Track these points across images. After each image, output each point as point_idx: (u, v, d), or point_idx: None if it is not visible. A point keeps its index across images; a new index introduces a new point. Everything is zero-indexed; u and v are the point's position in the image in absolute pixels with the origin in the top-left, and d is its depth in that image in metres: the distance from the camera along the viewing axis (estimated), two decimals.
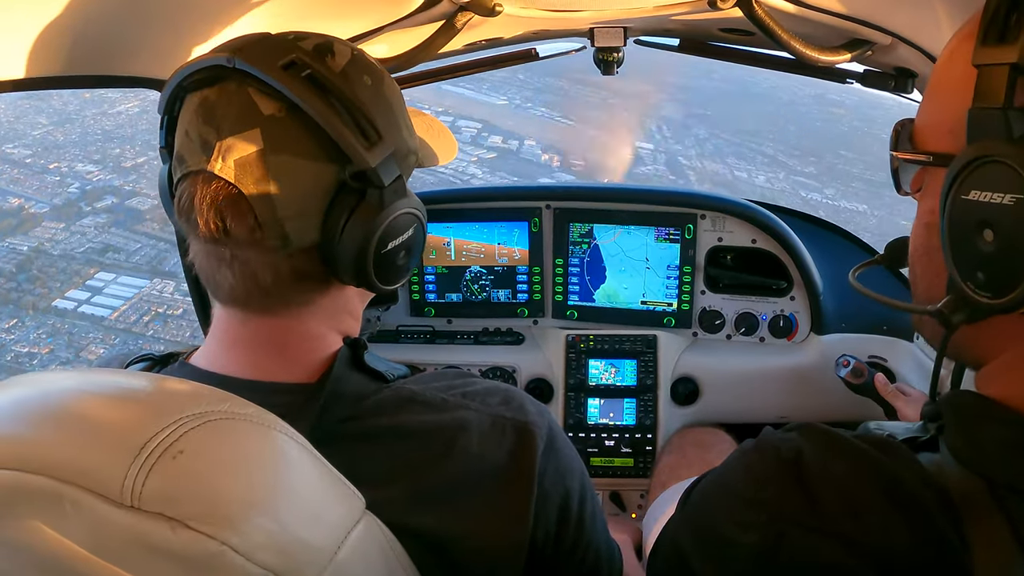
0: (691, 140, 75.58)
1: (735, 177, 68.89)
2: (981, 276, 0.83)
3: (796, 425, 1.05)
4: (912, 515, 0.89)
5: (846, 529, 0.91)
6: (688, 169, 68.54)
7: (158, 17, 1.49)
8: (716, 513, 1.07)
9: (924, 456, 0.95)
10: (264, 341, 1.22)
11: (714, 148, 73.95)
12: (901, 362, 2.64)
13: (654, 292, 2.94)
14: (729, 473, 1.10)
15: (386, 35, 1.91)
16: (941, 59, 0.97)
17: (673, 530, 1.18)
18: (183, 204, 1.13)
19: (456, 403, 1.24)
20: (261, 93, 1.10)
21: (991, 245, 0.80)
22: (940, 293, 0.94)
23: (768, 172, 71.25)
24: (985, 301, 0.83)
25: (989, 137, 0.80)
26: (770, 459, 1.03)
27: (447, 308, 3.06)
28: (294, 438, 0.95)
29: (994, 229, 0.80)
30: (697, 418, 2.91)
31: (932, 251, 0.96)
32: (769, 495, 0.99)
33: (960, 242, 0.84)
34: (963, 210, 0.83)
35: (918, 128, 0.99)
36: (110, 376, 0.96)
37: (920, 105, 1.02)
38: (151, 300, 33.02)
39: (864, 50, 1.82)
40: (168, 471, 0.81)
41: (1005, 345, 0.92)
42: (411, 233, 1.25)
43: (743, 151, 74.36)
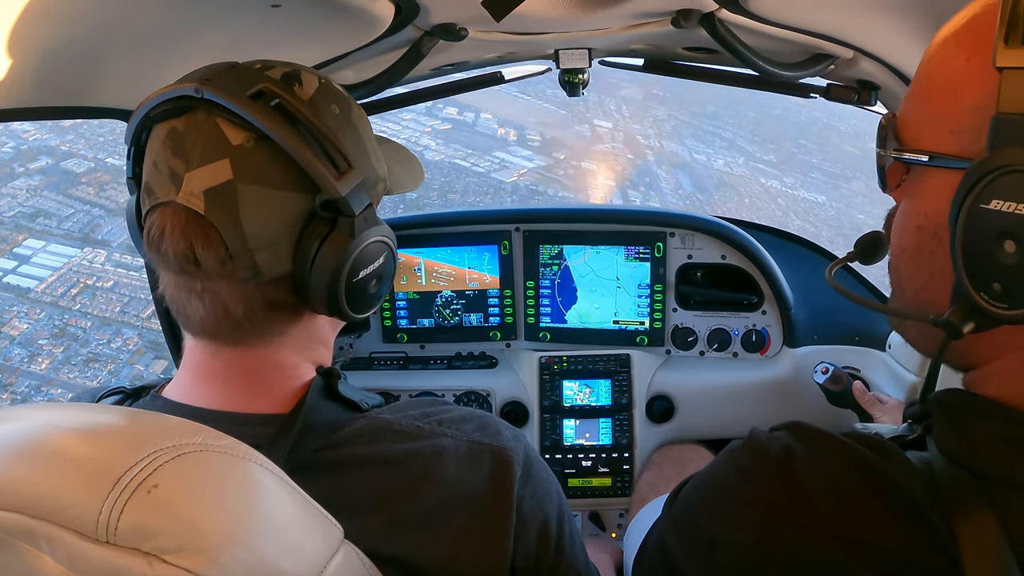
0: (649, 120, 75.63)
1: (693, 159, 68.95)
2: (998, 287, 0.80)
3: (785, 424, 1.05)
4: (904, 512, 0.89)
5: (839, 527, 0.91)
6: (647, 148, 68.52)
7: (122, 47, 1.47)
8: (704, 512, 1.06)
9: (911, 454, 0.95)
10: (236, 372, 1.20)
11: (672, 129, 74.03)
12: (874, 371, 2.66)
13: (626, 311, 2.95)
14: (718, 472, 1.09)
15: (352, 61, 1.91)
16: (933, 55, 0.94)
17: (660, 530, 1.17)
18: (153, 236, 1.11)
19: (432, 431, 1.23)
20: (230, 123, 1.08)
21: (1013, 257, 0.78)
22: (935, 297, 0.93)
23: (727, 156, 71.55)
24: (1001, 312, 0.81)
25: (1015, 145, 0.77)
26: (760, 457, 1.02)
27: (419, 334, 3.05)
28: (269, 468, 0.94)
29: (1017, 241, 0.77)
30: (673, 435, 2.92)
31: (926, 254, 0.94)
32: (760, 493, 0.99)
33: (976, 252, 0.82)
34: (982, 219, 0.80)
35: (908, 124, 0.96)
36: (82, 411, 0.95)
37: (907, 98, 0.99)
38: (81, 271, 31.60)
39: (827, 64, 1.84)
40: (143, 505, 0.79)
41: (1003, 351, 0.91)
42: (382, 261, 1.25)
43: (701, 134, 74.54)
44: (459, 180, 50.79)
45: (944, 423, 0.96)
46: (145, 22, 1.40)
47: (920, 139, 0.93)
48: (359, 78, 2.05)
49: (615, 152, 65.68)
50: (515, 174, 54.79)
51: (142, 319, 29.37)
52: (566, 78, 2.39)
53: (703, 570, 1.04)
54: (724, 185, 65.63)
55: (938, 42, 0.93)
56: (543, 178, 56.16)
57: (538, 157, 58.82)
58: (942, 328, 0.88)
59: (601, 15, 1.66)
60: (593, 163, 62.27)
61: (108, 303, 29.98)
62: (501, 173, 53.92)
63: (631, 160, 65.32)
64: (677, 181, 63.95)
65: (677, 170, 66.26)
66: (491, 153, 55.72)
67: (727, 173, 67.70)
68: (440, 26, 1.72)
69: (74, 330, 29.45)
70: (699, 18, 1.61)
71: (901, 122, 0.98)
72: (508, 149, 57.49)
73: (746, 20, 1.60)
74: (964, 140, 0.86)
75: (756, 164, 70.92)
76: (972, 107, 0.85)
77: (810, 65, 1.86)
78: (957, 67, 0.88)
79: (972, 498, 0.87)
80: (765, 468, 1.00)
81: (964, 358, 0.97)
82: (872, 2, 1.46)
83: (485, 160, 54.29)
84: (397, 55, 1.88)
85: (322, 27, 1.59)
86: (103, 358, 28.60)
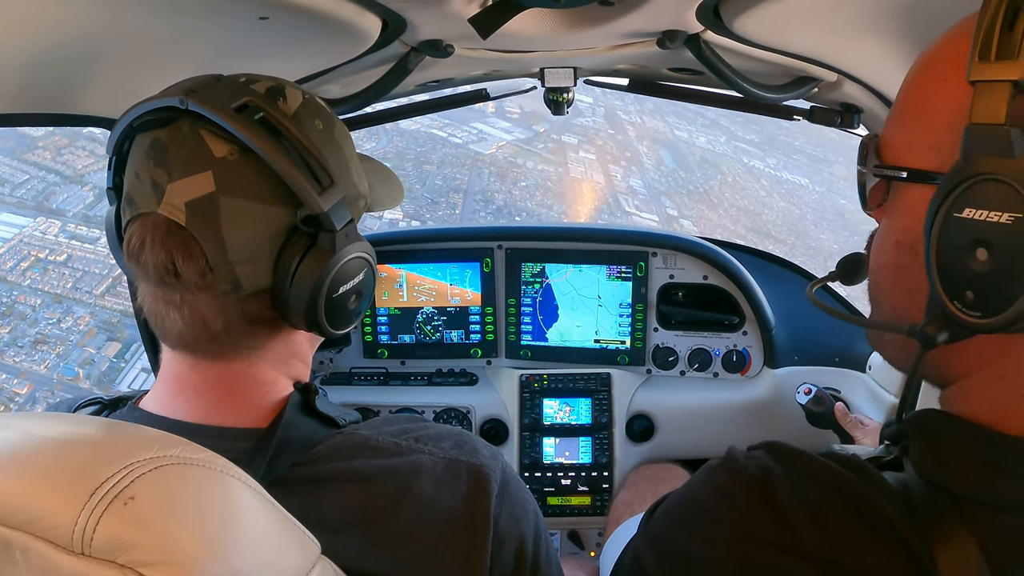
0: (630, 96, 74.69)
1: (675, 136, 68.39)
2: (971, 295, 0.81)
3: (763, 444, 1.05)
4: (883, 533, 0.89)
5: (818, 548, 0.91)
6: (628, 124, 67.93)
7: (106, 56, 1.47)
8: (681, 530, 1.05)
9: (888, 475, 0.96)
10: (214, 386, 1.19)
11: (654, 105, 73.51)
12: (854, 393, 2.67)
13: (607, 330, 2.95)
14: (695, 491, 1.09)
15: (338, 76, 1.91)
16: (914, 77, 0.96)
17: (635, 548, 1.16)
18: (132, 246, 1.11)
19: (409, 448, 1.22)
20: (214, 135, 1.08)
21: (985, 264, 0.79)
22: (912, 312, 0.94)
23: (709, 134, 71.08)
24: (974, 321, 0.82)
25: (986, 155, 0.79)
26: (738, 477, 1.02)
27: (400, 349, 3.04)
28: (247, 483, 0.93)
29: (989, 248, 0.79)
30: (653, 455, 2.91)
31: (903, 269, 0.95)
32: (738, 512, 0.98)
33: (949, 260, 0.83)
34: (955, 228, 0.81)
35: (889, 143, 0.98)
36: (59, 420, 0.94)
37: (889, 119, 1.00)
38: (32, 243, 29.75)
39: (810, 87, 1.86)
40: (119, 517, 0.79)
41: (978, 365, 0.92)
42: (362, 277, 1.25)
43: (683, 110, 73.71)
44: (435, 151, 49.67)
45: (920, 444, 0.97)
46: (130, 31, 1.40)
47: (900, 157, 0.95)
48: (344, 93, 2.05)
49: (596, 127, 65.10)
50: (494, 146, 53.90)
51: (95, 295, 28.18)
52: (551, 96, 2.40)
53: None
54: (706, 163, 65.18)
55: (918, 65, 0.95)
56: (522, 151, 55.47)
57: (517, 129, 58.00)
58: (917, 338, 0.88)
59: (587, 35, 1.66)
60: (573, 137, 61.63)
61: (60, 278, 28.31)
62: (479, 145, 53.04)
63: (612, 135, 64.72)
64: (659, 157, 63.42)
65: (659, 146, 65.85)
66: (469, 124, 54.77)
67: (709, 151, 67.27)
68: (426, 42, 1.72)
69: (23, 308, 27.67)
70: (684, 39, 1.62)
71: (883, 142, 0.99)
72: (486, 120, 56.57)
73: (731, 42, 1.61)
74: (941, 155, 0.87)
75: (738, 143, 70.48)
76: (949, 124, 0.86)
77: (794, 87, 1.87)
78: (935, 87, 0.90)
79: (949, 519, 0.87)
80: (743, 487, 1.00)
81: (941, 373, 0.98)
82: (856, 27, 1.47)
83: (462, 131, 53.27)
84: (383, 70, 1.88)
85: (309, 41, 1.59)
86: (52, 339, 26.83)
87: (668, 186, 58.65)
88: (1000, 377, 0.90)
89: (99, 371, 25.21)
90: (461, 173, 47.48)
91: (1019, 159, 0.76)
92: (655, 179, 59.05)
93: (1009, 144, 0.77)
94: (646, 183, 57.65)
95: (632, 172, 59.16)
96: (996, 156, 0.78)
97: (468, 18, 1.36)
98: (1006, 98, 0.77)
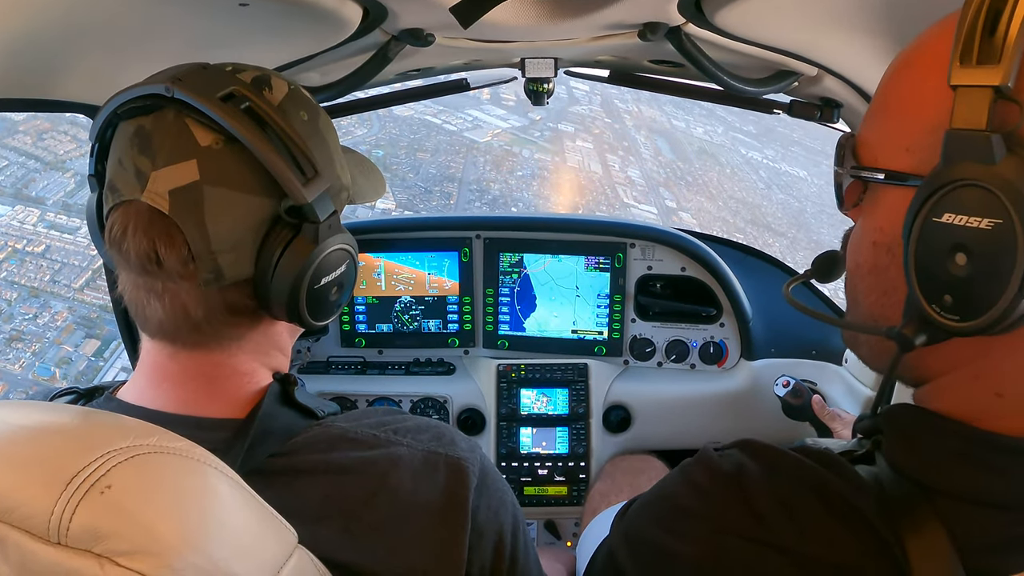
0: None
1: (673, 126, 67.63)
2: (949, 299, 0.82)
3: (736, 442, 1.06)
4: (854, 526, 0.90)
5: (789, 541, 0.92)
6: (624, 113, 67.23)
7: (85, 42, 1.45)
8: (656, 526, 1.06)
9: (861, 469, 0.97)
10: (193, 376, 1.19)
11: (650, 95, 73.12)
12: (831, 385, 2.70)
13: (585, 321, 2.96)
14: (670, 487, 1.10)
15: (318, 63, 1.90)
16: (891, 77, 0.96)
17: (610, 544, 1.17)
18: (114, 234, 1.10)
19: (388, 440, 1.22)
20: (199, 124, 1.08)
21: (963, 269, 0.80)
22: (888, 312, 0.95)
23: (706, 124, 70.43)
24: (952, 324, 0.82)
25: (967, 160, 0.79)
26: (712, 473, 1.03)
27: (378, 339, 3.04)
28: (224, 472, 0.93)
29: (968, 253, 0.79)
30: (630, 445, 2.93)
31: (880, 269, 0.95)
32: (711, 507, 1.00)
33: (928, 264, 0.83)
34: (934, 233, 0.82)
35: (865, 143, 0.98)
36: (35, 409, 0.93)
37: (866, 120, 1.01)
38: (9, 233, 28.19)
39: (791, 81, 1.87)
40: (96, 506, 0.78)
41: (954, 365, 0.93)
42: (343, 269, 1.25)
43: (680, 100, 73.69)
44: (429, 138, 48.59)
45: (895, 437, 0.98)
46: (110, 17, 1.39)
47: (877, 157, 0.95)
48: (324, 80, 2.04)
49: (592, 115, 64.37)
50: (489, 134, 52.82)
51: (73, 290, 26.27)
52: (531, 87, 2.40)
53: None
54: (704, 153, 64.49)
55: (896, 65, 0.96)
56: (518, 139, 54.60)
57: (513, 117, 56.99)
58: (895, 340, 0.89)
59: (568, 25, 1.66)
60: (570, 125, 60.86)
61: (38, 270, 26.86)
62: (474, 132, 51.93)
63: (609, 124, 64.05)
64: (656, 147, 62.74)
65: (656, 136, 65.15)
66: (463, 110, 53.77)
67: (707, 142, 66.66)
68: (407, 31, 1.71)
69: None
70: (665, 31, 1.62)
71: (859, 142, 1.00)
72: (481, 107, 55.60)
73: (712, 35, 1.61)
74: (919, 157, 0.88)
75: (736, 134, 69.80)
76: (927, 126, 0.87)
77: (774, 81, 1.88)
78: (913, 88, 0.91)
79: (921, 511, 0.88)
80: (717, 483, 1.02)
81: (916, 372, 0.98)
82: (837, 22, 1.48)
83: (457, 118, 52.19)
84: (363, 59, 1.87)
85: (289, 28, 1.58)
86: (28, 336, 25.08)
87: (667, 177, 57.94)
88: (976, 376, 0.91)
89: (77, 370, 23.93)
90: (456, 161, 46.60)
91: (1000, 165, 0.77)
92: (653, 169, 58.36)
93: (990, 150, 0.77)
94: (644, 173, 56.91)
95: (630, 162, 58.47)
96: (976, 162, 0.78)
97: (449, 7, 1.35)
98: (987, 103, 0.77)
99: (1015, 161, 0.77)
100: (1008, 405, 0.89)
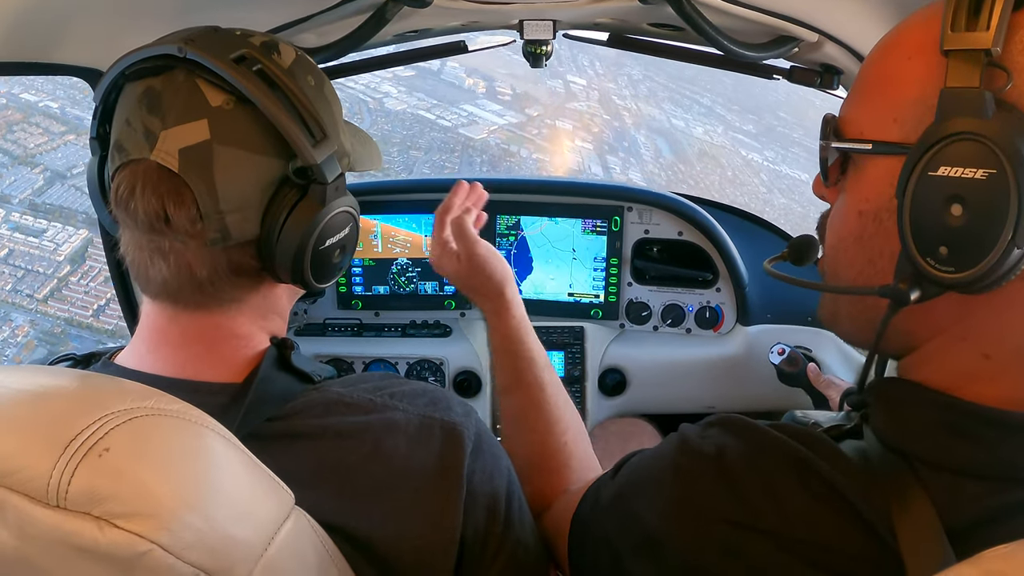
0: (624, 80, 73.59)
1: (672, 125, 67.22)
2: (944, 251, 0.84)
3: (717, 419, 1.08)
4: (837, 506, 0.92)
5: (772, 523, 0.94)
6: (623, 110, 66.72)
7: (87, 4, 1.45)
8: (643, 510, 1.08)
9: (848, 444, 0.98)
10: (192, 339, 1.20)
11: (648, 91, 71.49)
12: (826, 352, 2.70)
13: (581, 284, 2.96)
14: (654, 471, 1.12)
15: (314, 25, 1.89)
16: (877, 54, 0.99)
17: (599, 528, 1.19)
18: (121, 193, 1.12)
19: (383, 404, 1.23)
20: (210, 84, 1.10)
21: (959, 219, 0.83)
22: (873, 280, 0.96)
23: (706, 124, 69.98)
24: (948, 276, 0.85)
25: (961, 116, 0.82)
26: (693, 455, 1.05)
27: (374, 301, 3.04)
28: (221, 434, 0.94)
29: (964, 203, 0.82)
30: (625, 409, 2.94)
31: (866, 238, 0.98)
32: (694, 490, 1.02)
33: (923, 218, 0.86)
34: (930, 186, 0.85)
35: (849, 120, 1.01)
36: (32, 373, 0.94)
37: (849, 100, 1.03)
38: None
39: (791, 47, 1.85)
40: (94, 469, 0.79)
41: (940, 327, 0.94)
42: (347, 232, 1.28)
43: (679, 98, 72.24)
44: (423, 135, 47.67)
45: (881, 409, 0.99)
46: None
47: (863, 131, 0.98)
48: (321, 42, 2.02)
49: (590, 111, 63.53)
50: (485, 131, 52.05)
51: (37, 300, 23.77)
52: (530, 49, 2.38)
53: (644, 567, 1.06)
54: (705, 155, 63.90)
55: (879, 48, 1.00)
56: (515, 136, 53.98)
57: (509, 113, 56.35)
58: (889, 297, 0.91)
59: None
60: (568, 123, 60.19)
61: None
62: (470, 129, 51.12)
63: (607, 121, 63.30)
64: (656, 148, 62.19)
65: (656, 136, 64.55)
66: (458, 105, 52.95)
67: (707, 143, 66.01)
68: None
69: None
70: None
71: (843, 120, 1.03)
72: (477, 102, 54.84)
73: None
74: (906, 128, 0.91)
75: (735, 134, 69.12)
76: (913, 99, 0.91)
77: (775, 47, 1.86)
78: (899, 65, 0.94)
79: (907, 483, 0.90)
80: (699, 466, 1.03)
81: (902, 339, 1.00)
82: None
83: (452, 113, 51.40)
84: (360, 20, 1.86)
85: None
86: None
87: (668, 180, 57.13)
88: (962, 338, 0.93)
89: None
90: (451, 161, 45.64)
91: (992, 120, 0.81)
92: (654, 172, 57.63)
93: (983, 106, 0.81)
94: (646, 177, 56.10)
95: (631, 164, 57.71)
96: (971, 117, 0.82)
97: None
98: (980, 64, 0.81)
99: (1005, 115, 0.81)
100: (995, 367, 0.91)
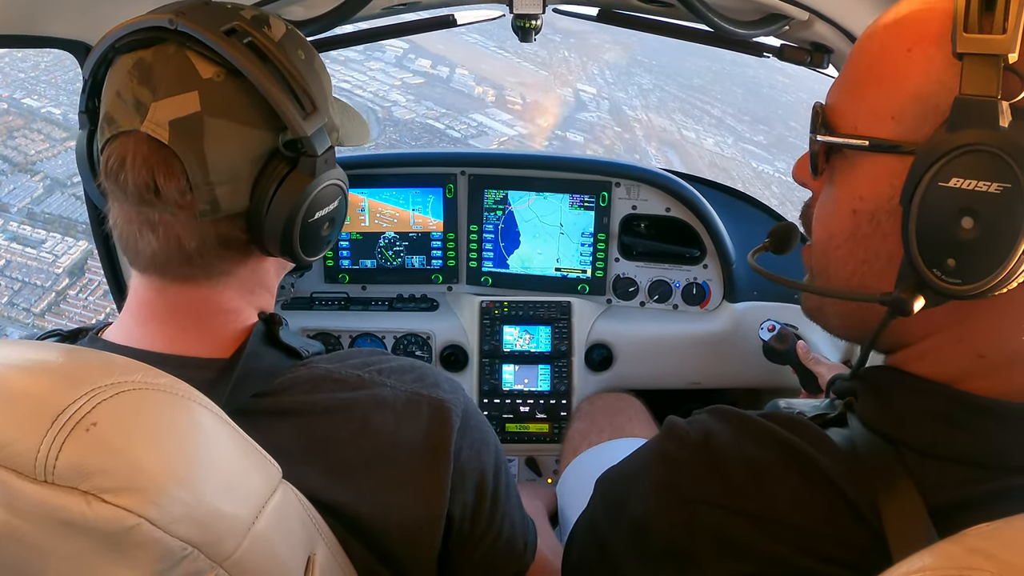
0: (635, 89, 72.58)
1: (683, 137, 66.54)
2: (952, 263, 0.83)
3: (705, 409, 1.09)
4: (823, 491, 0.92)
5: (759, 508, 0.94)
6: (634, 121, 66.10)
7: None
8: (631, 497, 1.09)
9: (833, 432, 0.98)
10: (180, 313, 1.20)
11: (659, 101, 70.49)
12: (812, 329, 2.69)
13: (568, 259, 2.96)
14: (643, 459, 1.13)
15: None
16: (872, 41, 0.96)
17: (590, 515, 1.20)
18: (111, 165, 1.12)
19: (371, 380, 1.24)
20: (201, 57, 1.11)
21: (970, 233, 0.81)
22: (869, 281, 0.96)
23: (716, 135, 69.33)
24: (954, 288, 0.84)
25: (975, 126, 0.80)
26: (681, 442, 1.06)
27: (361, 274, 3.03)
28: (209, 408, 0.94)
29: (976, 217, 0.80)
30: (611, 384, 2.95)
31: (861, 238, 0.96)
32: (682, 476, 1.02)
33: (931, 229, 0.84)
34: (940, 197, 0.82)
35: (842, 112, 0.98)
36: (20, 347, 0.93)
37: (841, 88, 1.00)
38: None
39: (781, 25, 1.85)
40: (82, 443, 0.79)
41: (938, 328, 0.94)
42: (336, 204, 1.28)
43: (689, 108, 70.97)
44: (432, 145, 44.84)
45: (872, 396, 1.00)
46: None
47: (856, 126, 0.95)
48: (309, 14, 2.01)
49: (601, 123, 62.59)
50: (495, 142, 50.16)
51: (33, 315, 22.25)
52: (519, 23, 2.36)
53: (633, 553, 1.07)
54: (716, 167, 62.19)
55: (874, 34, 0.96)
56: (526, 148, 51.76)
57: (520, 123, 54.88)
58: (890, 306, 0.90)
59: None
60: (579, 135, 58.58)
61: None
62: (479, 140, 49.34)
63: (618, 133, 62.48)
64: (668, 160, 60.79)
65: (666, 148, 63.69)
66: (467, 115, 51.68)
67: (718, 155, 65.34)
68: None
69: None
70: None
71: (833, 110, 0.99)
72: (486, 112, 53.65)
73: None
74: (905, 126, 0.89)
75: (746, 145, 68.08)
76: (914, 95, 0.88)
77: (765, 24, 1.86)
78: (898, 57, 0.90)
79: (893, 469, 0.90)
80: (686, 452, 1.04)
81: (896, 337, 1.00)
82: None
83: (461, 123, 49.85)
84: None
85: None
86: None
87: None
88: (959, 339, 0.93)
89: None
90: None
91: (1008, 131, 0.78)
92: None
93: (998, 116, 0.78)
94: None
95: None
96: (986, 128, 0.79)
97: None
98: (998, 72, 0.78)
99: (1021, 126, 0.78)
100: (989, 365, 0.92)
